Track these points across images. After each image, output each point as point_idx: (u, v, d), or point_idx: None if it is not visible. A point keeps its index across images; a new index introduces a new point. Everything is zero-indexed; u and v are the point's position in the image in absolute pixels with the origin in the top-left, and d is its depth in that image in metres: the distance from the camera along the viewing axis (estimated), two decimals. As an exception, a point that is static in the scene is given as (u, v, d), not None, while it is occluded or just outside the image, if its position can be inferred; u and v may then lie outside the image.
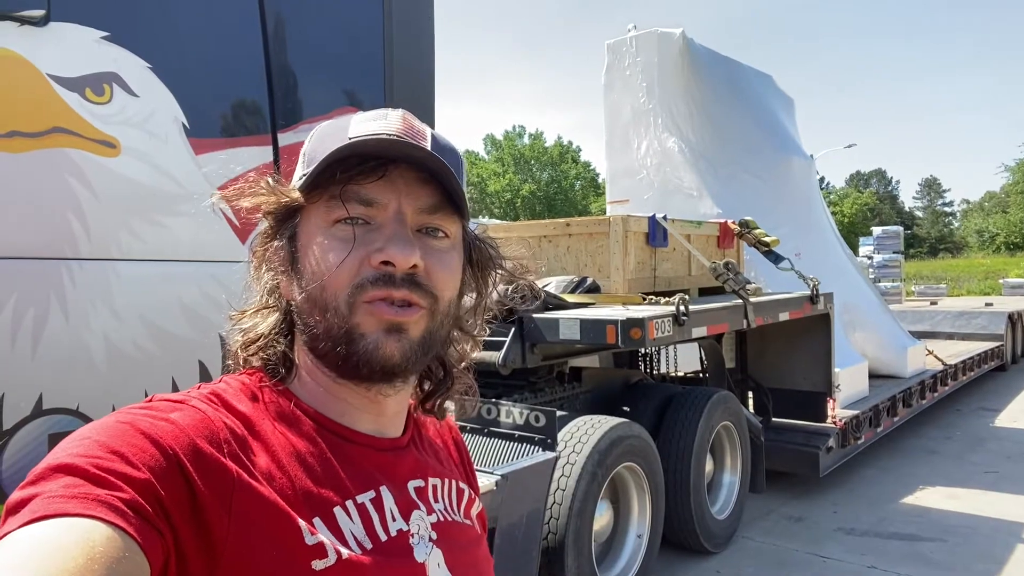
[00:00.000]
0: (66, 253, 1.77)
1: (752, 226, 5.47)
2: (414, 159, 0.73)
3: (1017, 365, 11.20)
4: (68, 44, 1.78)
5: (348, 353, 0.71)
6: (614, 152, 7.62)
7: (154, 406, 0.67)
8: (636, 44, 7.33)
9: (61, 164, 1.75)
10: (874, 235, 17.26)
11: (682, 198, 6.93)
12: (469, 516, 0.87)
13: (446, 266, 0.75)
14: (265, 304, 0.79)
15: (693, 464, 4.09)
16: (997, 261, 43.49)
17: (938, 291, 17.96)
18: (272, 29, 2.18)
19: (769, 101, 7.94)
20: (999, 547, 4.40)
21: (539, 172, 51.56)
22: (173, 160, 1.96)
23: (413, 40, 2.52)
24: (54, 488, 0.54)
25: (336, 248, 0.71)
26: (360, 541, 0.69)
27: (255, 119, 2.15)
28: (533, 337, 3.61)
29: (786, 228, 6.30)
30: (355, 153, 0.71)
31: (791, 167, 7.58)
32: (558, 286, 4.23)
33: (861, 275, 8.11)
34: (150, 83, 1.92)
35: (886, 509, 5.11)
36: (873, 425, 6.00)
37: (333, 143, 0.71)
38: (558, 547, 3.18)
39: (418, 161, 0.73)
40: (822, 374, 5.43)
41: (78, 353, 1.78)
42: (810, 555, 4.36)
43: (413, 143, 0.72)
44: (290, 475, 0.68)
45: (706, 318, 4.06)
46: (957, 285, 29.92)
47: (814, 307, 5.12)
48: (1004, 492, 5.41)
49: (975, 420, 7.84)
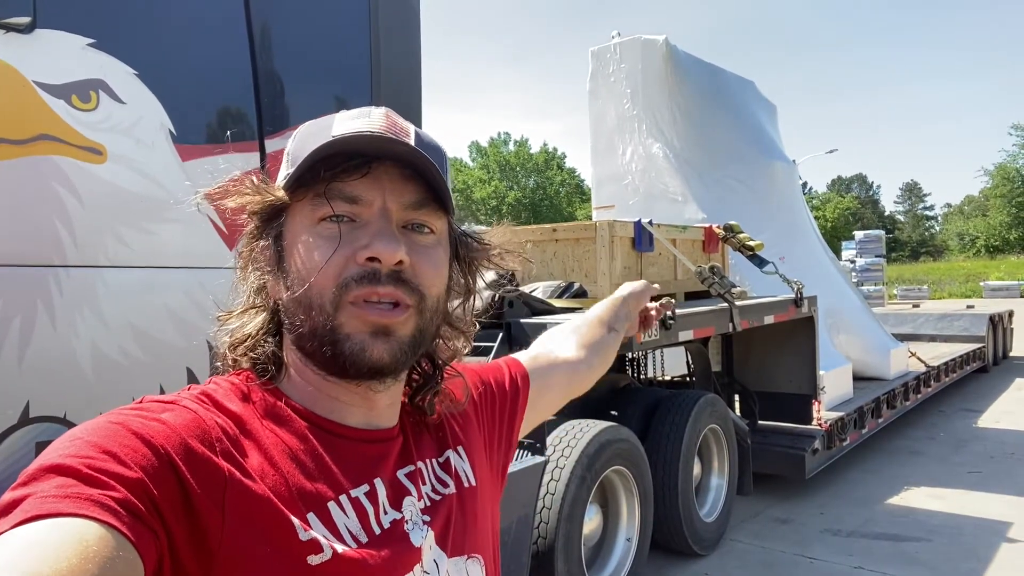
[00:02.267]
0: (53, 260, 1.76)
1: (736, 230, 5.51)
2: (398, 155, 0.73)
3: (999, 367, 11.32)
4: (54, 51, 1.77)
5: (334, 353, 0.71)
6: (599, 158, 7.67)
7: (145, 407, 0.67)
8: (620, 51, 7.38)
9: (47, 171, 1.74)
10: (856, 239, 17.45)
11: (667, 203, 6.98)
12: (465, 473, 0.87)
13: (432, 262, 0.75)
14: (252, 304, 0.79)
15: (681, 467, 4.10)
16: (977, 264, 44.05)
17: (920, 294, 18.17)
18: (259, 35, 2.18)
19: (752, 107, 8.02)
20: (983, 546, 4.45)
21: (524, 179, 51.66)
22: (160, 166, 1.95)
23: (400, 46, 2.53)
24: (47, 488, 0.54)
25: (321, 246, 0.71)
26: (355, 535, 0.70)
27: (242, 125, 2.15)
28: (520, 342, 3.61)
29: (770, 232, 6.35)
30: (339, 151, 0.71)
31: (774, 172, 7.65)
32: (545, 291, 4.24)
33: (844, 278, 8.19)
34: (137, 90, 1.92)
35: (872, 510, 5.15)
36: (858, 427, 6.05)
37: (317, 142, 0.71)
38: (548, 551, 3.18)
39: (402, 157, 0.73)
40: (807, 377, 5.47)
41: (65, 361, 1.77)
42: (797, 556, 4.38)
43: (397, 139, 0.72)
44: (283, 472, 0.68)
45: (692, 322, 4.09)
46: (938, 288, 30.28)
47: (798, 310, 5.16)
48: (988, 492, 5.46)
49: (958, 421, 7.92)
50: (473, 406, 0.96)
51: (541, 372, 1.10)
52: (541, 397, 1.08)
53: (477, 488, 0.87)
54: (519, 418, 1.04)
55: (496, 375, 1.04)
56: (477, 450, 0.92)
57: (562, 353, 1.18)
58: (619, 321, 1.31)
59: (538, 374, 1.09)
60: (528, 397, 1.06)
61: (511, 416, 1.02)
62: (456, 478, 0.86)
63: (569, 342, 1.21)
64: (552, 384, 1.12)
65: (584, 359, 1.20)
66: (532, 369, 1.09)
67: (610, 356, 1.28)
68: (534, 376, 1.08)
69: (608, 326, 1.29)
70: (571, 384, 1.18)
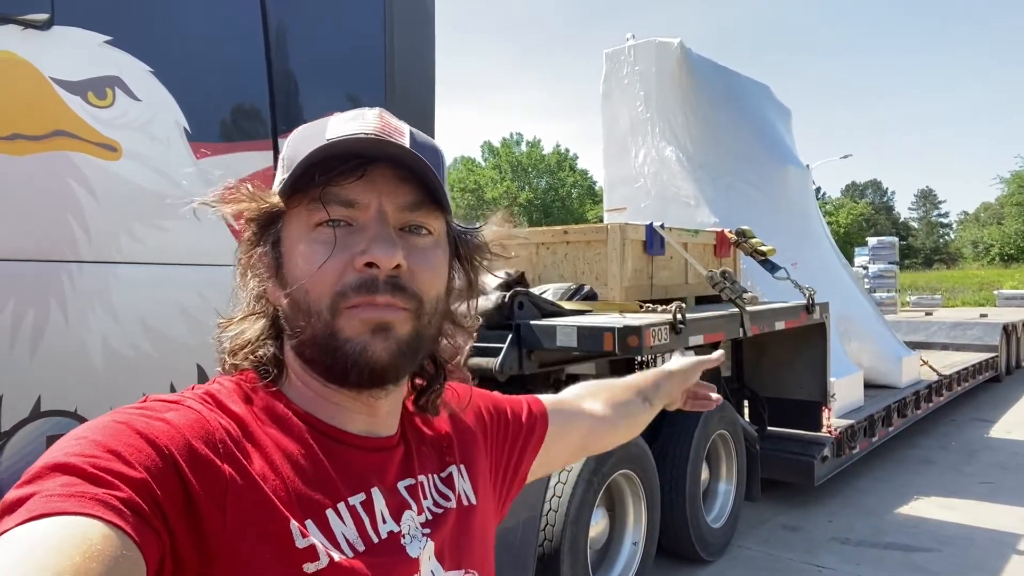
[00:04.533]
0: (66, 256, 1.77)
1: (749, 235, 5.48)
2: (392, 157, 0.72)
3: (1012, 376, 11.22)
4: (71, 48, 1.79)
5: (335, 359, 0.71)
6: (612, 160, 7.65)
7: (149, 406, 0.67)
8: (634, 53, 7.36)
9: (62, 167, 1.76)
10: (869, 245, 17.31)
11: (679, 207, 6.95)
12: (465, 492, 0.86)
13: (430, 264, 0.75)
14: (252, 311, 0.78)
15: (689, 472, 4.09)
16: (992, 272, 43.64)
17: (933, 302, 18.02)
18: (274, 33, 2.19)
19: (766, 111, 7.98)
20: (994, 558, 4.40)
21: (536, 180, 51.64)
22: (174, 164, 1.96)
23: (414, 45, 2.53)
24: (51, 487, 0.54)
25: (318, 252, 0.71)
26: (352, 543, 0.70)
27: (256, 123, 2.16)
28: (530, 344, 3.61)
29: (782, 238, 6.32)
30: (333, 154, 0.70)
31: (787, 177, 7.61)
32: (555, 293, 4.24)
33: (857, 285, 8.13)
34: (152, 87, 1.93)
35: (882, 519, 5.11)
36: (868, 435, 6.01)
37: (310, 146, 0.71)
38: (554, 554, 3.17)
39: (396, 158, 0.72)
40: (818, 383, 5.43)
41: (77, 355, 1.78)
42: (805, 564, 4.35)
43: (391, 141, 0.72)
44: (283, 477, 0.68)
45: (703, 327, 4.07)
46: (952, 296, 30.02)
47: (810, 317, 5.13)
48: (999, 503, 5.41)
49: (970, 431, 7.85)
50: (482, 429, 0.95)
51: (562, 417, 1.08)
52: (556, 442, 1.06)
53: (477, 508, 0.87)
54: (529, 454, 1.02)
55: (514, 406, 1.02)
56: (481, 472, 0.91)
57: (588, 406, 1.15)
58: (657, 394, 1.26)
59: (558, 418, 1.07)
60: (544, 438, 1.03)
61: (522, 450, 1.00)
62: (457, 495, 0.85)
63: (598, 398, 1.18)
64: (571, 432, 1.10)
65: (609, 418, 1.16)
66: (553, 411, 1.07)
67: (638, 425, 1.23)
68: (554, 419, 1.06)
69: (643, 396, 1.24)
70: (589, 438, 1.14)
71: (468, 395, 0.93)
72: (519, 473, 1.00)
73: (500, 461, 0.97)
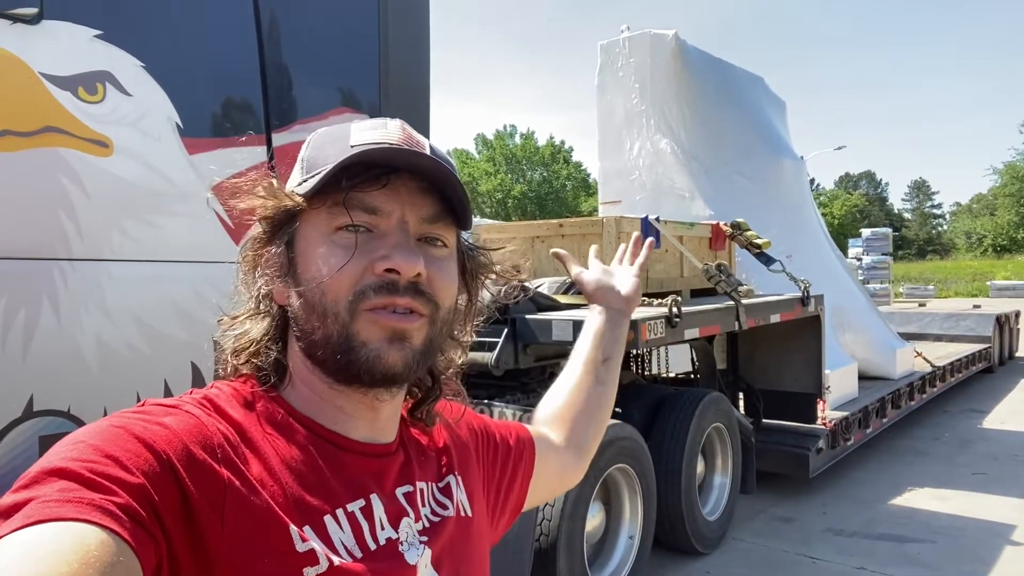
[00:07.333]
0: (58, 253, 1.75)
1: (744, 228, 5.48)
2: (420, 168, 0.73)
3: (1004, 367, 11.28)
4: (61, 42, 1.76)
5: (348, 361, 0.71)
6: (607, 153, 7.63)
7: (147, 410, 0.66)
8: (629, 45, 7.34)
9: (53, 163, 1.74)
10: (863, 237, 17.37)
11: (674, 199, 6.95)
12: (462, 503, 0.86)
13: (446, 275, 0.76)
14: (257, 310, 0.78)
15: (684, 465, 4.10)
16: (985, 263, 43.86)
17: (926, 293, 18.10)
18: (267, 28, 2.17)
19: (761, 103, 7.97)
20: (987, 548, 4.43)
21: (531, 172, 51.57)
22: (166, 160, 1.94)
23: (408, 40, 2.51)
24: (49, 492, 0.54)
25: (339, 255, 0.71)
26: (350, 550, 0.70)
27: (249, 119, 2.14)
28: (526, 338, 3.61)
29: (777, 230, 6.32)
30: (361, 161, 0.71)
31: (782, 169, 7.61)
32: (551, 287, 4.23)
33: (851, 277, 8.15)
34: (143, 82, 1.91)
35: (875, 510, 5.14)
36: (862, 426, 6.04)
37: (335, 150, 0.72)
38: (550, 548, 3.18)
39: (423, 170, 0.73)
40: (812, 376, 5.45)
41: (70, 354, 1.77)
42: (800, 556, 4.37)
43: (419, 152, 0.73)
44: (282, 483, 0.68)
45: (698, 320, 4.07)
46: (945, 287, 30.18)
47: (805, 309, 5.14)
48: (992, 493, 5.45)
49: (963, 422, 7.89)
50: (474, 441, 0.95)
51: (542, 449, 1.05)
52: (538, 477, 1.04)
53: (473, 519, 0.87)
54: (521, 477, 1.00)
55: (502, 429, 1.02)
56: (475, 486, 0.91)
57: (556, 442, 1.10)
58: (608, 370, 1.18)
59: (540, 450, 1.05)
60: (534, 465, 1.02)
61: (512, 474, 0.99)
62: (455, 504, 0.85)
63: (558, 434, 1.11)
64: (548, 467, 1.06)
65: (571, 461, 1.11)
66: (537, 441, 1.05)
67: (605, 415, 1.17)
68: (539, 449, 1.04)
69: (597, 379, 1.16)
70: (563, 477, 1.12)
71: (462, 411, 0.95)
72: (510, 498, 1.00)
73: (492, 480, 0.97)
